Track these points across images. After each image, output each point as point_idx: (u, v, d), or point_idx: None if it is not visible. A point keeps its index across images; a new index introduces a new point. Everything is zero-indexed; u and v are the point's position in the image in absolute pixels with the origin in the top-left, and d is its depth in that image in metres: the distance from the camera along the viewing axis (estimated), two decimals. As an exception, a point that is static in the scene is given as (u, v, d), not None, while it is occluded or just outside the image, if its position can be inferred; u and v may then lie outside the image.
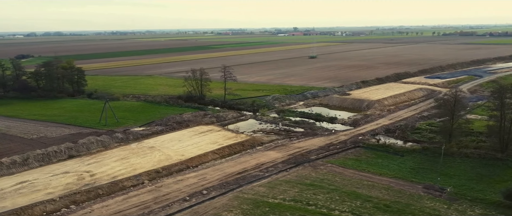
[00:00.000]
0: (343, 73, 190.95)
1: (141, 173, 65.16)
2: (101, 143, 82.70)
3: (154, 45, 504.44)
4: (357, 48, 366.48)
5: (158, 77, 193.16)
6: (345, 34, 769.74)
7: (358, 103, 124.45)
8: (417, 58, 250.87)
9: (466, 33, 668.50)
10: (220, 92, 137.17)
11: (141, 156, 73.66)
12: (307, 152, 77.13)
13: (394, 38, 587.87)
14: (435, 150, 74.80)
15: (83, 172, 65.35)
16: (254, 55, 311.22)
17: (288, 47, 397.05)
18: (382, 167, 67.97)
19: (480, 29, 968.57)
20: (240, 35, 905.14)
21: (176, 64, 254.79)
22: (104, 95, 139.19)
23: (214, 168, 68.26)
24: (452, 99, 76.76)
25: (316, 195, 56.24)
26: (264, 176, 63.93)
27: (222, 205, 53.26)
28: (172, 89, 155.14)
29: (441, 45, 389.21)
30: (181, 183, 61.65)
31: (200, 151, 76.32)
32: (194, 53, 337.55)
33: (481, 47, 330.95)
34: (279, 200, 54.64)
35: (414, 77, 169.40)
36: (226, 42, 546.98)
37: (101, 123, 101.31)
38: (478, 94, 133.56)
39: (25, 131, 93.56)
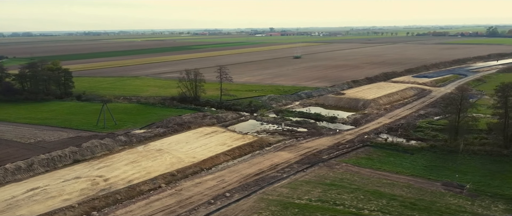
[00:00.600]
0: (331, 73, 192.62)
1: (156, 177, 63.52)
2: (105, 147, 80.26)
3: (132, 45, 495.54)
4: (338, 48, 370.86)
5: (145, 78, 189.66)
6: (322, 34, 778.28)
7: (354, 102, 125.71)
8: (399, 57, 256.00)
9: (438, 34, 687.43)
10: (213, 93, 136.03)
11: (151, 159, 71.87)
12: (317, 152, 77.16)
13: (372, 38, 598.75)
14: (443, 147, 76.38)
15: (96, 177, 63.14)
16: (238, 55, 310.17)
17: (270, 47, 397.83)
18: (396, 166, 68.68)
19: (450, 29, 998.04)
20: (218, 36, 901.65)
21: (161, 65, 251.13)
22: (94, 97, 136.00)
23: (230, 170, 67.26)
24: (458, 97, 78.28)
25: (340, 195, 56.22)
26: (283, 177, 63.46)
27: (249, 208, 52.46)
28: (163, 90, 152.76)
29: (418, 45, 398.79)
30: (200, 186, 60.40)
31: (210, 153, 75.15)
32: (176, 54, 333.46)
33: (458, 47, 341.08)
34: (305, 201, 54.30)
35: (402, 76, 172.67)
36: (206, 42, 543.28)
37: (99, 125, 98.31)
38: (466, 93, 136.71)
39: (20, 135, 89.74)
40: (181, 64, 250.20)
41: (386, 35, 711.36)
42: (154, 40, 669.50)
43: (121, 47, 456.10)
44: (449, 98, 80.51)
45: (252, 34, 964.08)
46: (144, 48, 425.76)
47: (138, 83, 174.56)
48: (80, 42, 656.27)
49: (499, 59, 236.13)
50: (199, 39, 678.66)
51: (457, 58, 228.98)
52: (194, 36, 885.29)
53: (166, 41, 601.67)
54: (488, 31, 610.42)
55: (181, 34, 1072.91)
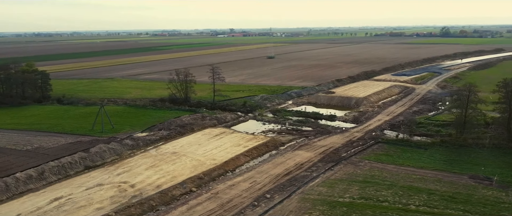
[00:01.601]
0: (311, 72, 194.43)
1: (184, 180, 60.99)
2: (113, 151, 76.32)
3: (94, 47, 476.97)
4: (306, 48, 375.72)
5: (122, 80, 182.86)
6: (284, 35, 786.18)
7: (346, 100, 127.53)
8: (370, 57, 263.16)
9: (395, 34, 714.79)
10: (202, 94, 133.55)
11: (170, 163, 69.01)
12: (334, 150, 77.34)
13: (335, 38, 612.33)
14: (454, 142, 78.82)
15: (120, 183, 59.67)
16: (211, 56, 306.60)
17: (239, 48, 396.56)
18: (416, 161, 70.02)
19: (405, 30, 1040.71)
20: (178, 37, 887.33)
21: (133, 66, 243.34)
22: (78, 100, 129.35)
23: (257, 171, 65.80)
24: (466, 92, 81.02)
25: (378, 191, 56.46)
26: (315, 176, 62.89)
27: (296, 208, 51.46)
28: (147, 92, 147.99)
29: (382, 45, 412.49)
30: (235, 188, 58.59)
31: (229, 154, 73.32)
32: (145, 55, 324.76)
33: (420, 47, 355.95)
34: (348, 199, 54.04)
35: (382, 75, 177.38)
36: (173, 43, 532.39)
37: (95, 129, 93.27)
38: (448, 89, 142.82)
39: (13, 142, 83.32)
40: (154, 65, 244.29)
41: (346, 36, 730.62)
42: (115, 41, 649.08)
43: (82, 49, 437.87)
44: (457, 93, 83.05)
45: (213, 35, 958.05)
46: (109, 50, 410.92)
47: (117, 85, 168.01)
48: (34, 43, 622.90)
49: (463, 58, 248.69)
50: (161, 40, 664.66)
51: (427, 57, 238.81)
52: (154, 37, 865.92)
53: (128, 43, 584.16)
54: (442, 32, 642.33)
55: (140, 35, 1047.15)
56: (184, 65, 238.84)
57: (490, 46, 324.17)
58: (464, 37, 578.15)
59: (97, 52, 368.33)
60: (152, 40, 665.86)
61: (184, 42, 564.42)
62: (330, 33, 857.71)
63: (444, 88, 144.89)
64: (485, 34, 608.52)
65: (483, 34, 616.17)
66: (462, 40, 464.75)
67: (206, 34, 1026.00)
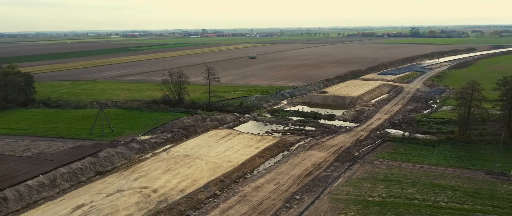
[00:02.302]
0: (297, 72, 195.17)
1: (207, 184, 59.51)
2: (122, 156, 73.83)
3: (65, 48, 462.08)
4: (285, 48, 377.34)
5: (105, 81, 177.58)
6: (258, 35, 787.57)
7: (340, 100, 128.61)
8: (351, 57, 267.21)
9: (367, 34, 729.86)
10: (195, 95, 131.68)
11: (186, 166, 67.25)
12: (346, 149, 77.64)
13: (311, 39, 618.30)
14: (459, 139, 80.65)
15: (141, 189, 57.56)
16: (191, 56, 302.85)
17: (217, 49, 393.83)
18: (429, 158, 71.18)
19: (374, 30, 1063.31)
20: (150, 37, 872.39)
21: (113, 67, 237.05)
22: (66, 103, 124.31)
23: (277, 172, 65.06)
24: (469, 90, 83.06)
25: (404, 189, 56.93)
26: (336, 176, 62.74)
27: (330, 209, 51.13)
28: (135, 93, 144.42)
29: (358, 45, 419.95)
30: (261, 190, 57.64)
31: (244, 155, 72.25)
32: (121, 56, 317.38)
33: (396, 47, 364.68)
34: (378, 198, 54.19)
35: (368, 74, 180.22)
36: (147, 44, 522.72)
37: (94, 133, 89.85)
38: (436, 88, 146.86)
39: (10, 148, 79.07)
40: (135, 66, 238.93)
41: (319, 36, 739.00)
42: (85, 42, 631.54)
43: (54, 50, 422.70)
44: (460, 91, 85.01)
45: (185, 35, 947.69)
46: (83, 51, 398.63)
47: (102, 87, 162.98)
48: (3, 45, 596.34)
49: (440, 57, 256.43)
50: (135, 41, 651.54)
51: (407, 57, 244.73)
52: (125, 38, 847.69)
53: (100, 43, 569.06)
54: (411, 32, 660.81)
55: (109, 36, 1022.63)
56: (167, 66, 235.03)
57: (462, 46, 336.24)
58: (433, 37, 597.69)
59: (72, 53, 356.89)
60: (125, 41, 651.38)
61: (160, 42, 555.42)
62: (303, 33, 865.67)
63: (432, 87, 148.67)
64: (452, 34, 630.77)
65: (451, 34, 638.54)
66: (432, 40, 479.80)
67: (178, 35, 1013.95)
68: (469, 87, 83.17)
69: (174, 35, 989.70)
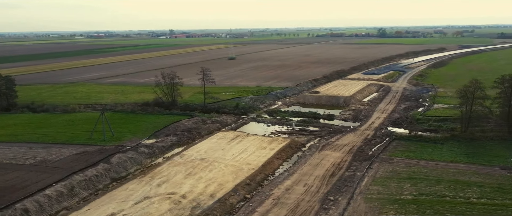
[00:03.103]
0: (281, 72, 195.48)
1: (235, 187, 58.17)
2: (133, 161, 71.21)
3: (31, 50, 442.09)
4: (261, 49, 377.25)
5: (87, 84, 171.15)
6: (229, 36, 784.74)
7: (334, 99, 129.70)
8: (329, 57, 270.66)
9: (336, 35, 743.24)
10: (186, 97, 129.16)
11: (206, 170, 65.54)
12: (358, 148, 78.22)
13: (283, 39, 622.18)
14: (464, 136, 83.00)
15: (169, 195, 55.52)
16: (169, 57, 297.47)
17: (192, 49, 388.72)
18: (441, 155, 72.72)
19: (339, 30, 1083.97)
20: (117, 38, 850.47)
21: (90, 69, 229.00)
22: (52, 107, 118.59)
23: (300, 173, 64.54)
24: (472, 88, 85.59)
25: (431, 187, 57.78)
26: (360, 176, 62.94)
27: (368, 209, 51.13)
28: (123, 96, 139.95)
29: (332, 45, 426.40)
30: (292, 192, 56.93)
31: (261, 157, 71.30)
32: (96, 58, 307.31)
33: (369, 47, 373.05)
34: (410, 196, 54.73)
35: (352, 74, 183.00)
36: (117, 45, 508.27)
37: (94, 138, 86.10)
38: (421, 86, 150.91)
39: (9, 156, 74.37)
40: (112, 68, 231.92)
41: (289, 37, 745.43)
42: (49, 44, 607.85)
43: (18, 52, 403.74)
44: (462, 90, 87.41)
45: (153, 36, 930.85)
46: (52, 52, 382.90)
47: (85, 89, 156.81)
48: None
49: (415, 57, 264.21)
50: (102, 42, 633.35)
51: (385, 56, 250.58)
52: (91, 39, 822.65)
53: (66, 45, 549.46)
54: (379, 32, 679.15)
55: (73, 37, 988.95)
56: (145, 67, 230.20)
57: (433, 46, 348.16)
58: (399, 37, 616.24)
59: (41, 55, 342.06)
60: (92, 42, 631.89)
61: (130, 43, 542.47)
62: (272, 34, 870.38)
63: (417, 86, 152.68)
64: (417, 35, 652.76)
65: (416, 34, 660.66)
66: (400, 40, 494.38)
67: (146, 35, 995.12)
68: (472, 86, 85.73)
69: (141, 36, 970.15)
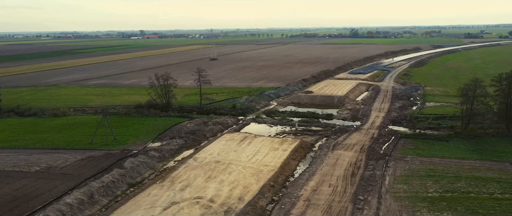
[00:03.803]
0: (267, 73, 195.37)
1: (261, 190, 57.23)
2: (146, 165, 69.08)
3: None
4: (239, 50, 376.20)
5: (69, 86, 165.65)
6: (203, 36, 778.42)
7: (328, 99, 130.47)
8: (311, 57, 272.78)
9: (309, 35, 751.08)
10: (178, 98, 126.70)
11: (225, 172, 64.25)
12: (369, 147, 78.79)
13: (259, 40, 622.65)
14: (467, 133, 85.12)
15: (196, 199, 53.98)
16: (148, 58, 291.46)
17: (170, 50, 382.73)
18: (451, 152, 74.15)
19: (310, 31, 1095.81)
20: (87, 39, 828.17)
21: (68, 71, 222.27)
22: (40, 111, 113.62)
23: (321, 174, 64.28)
24: (473, 86, 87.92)
25: (453, 184, 58.78)
26: (380, 175, 63.27)
27: (400, 207, 51.40)
28: (111, 98, 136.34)
29: (310, 45, 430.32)
30: (320, 193, 56.55)
31: (276, 159, 70.63)
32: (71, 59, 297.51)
33: (347, 47, 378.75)
34: (436, 193, 55.41)
35: (339, 74, 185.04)
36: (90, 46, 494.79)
37: (95, 142, 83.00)
38: (409, 85, 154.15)
39: (10, 163, 70.58)
40: (92, 70, 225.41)
41: (263, 37, 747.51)
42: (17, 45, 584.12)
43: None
44: (464, 88, 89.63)
45: (124, 37, 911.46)
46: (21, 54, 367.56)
47: (67, 92, 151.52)
48: None
49: (394, 56, 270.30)
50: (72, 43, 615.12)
51: (366, 56, 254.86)
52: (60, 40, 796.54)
53: (35, 46, 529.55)
54: (351, 33, 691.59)
55: (39, 37, 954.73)
56: (126, 69, 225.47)
57: (409, 46, 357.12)
58: (371, 37, 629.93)
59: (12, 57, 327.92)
60: (61, 43, 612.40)
61: (103, 44, 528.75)
62: (246, 34, 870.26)
63: (405, 85, 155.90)
64: (388, 35, 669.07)
65: (387, 35, 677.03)
66: (374, 40, 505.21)
67: (116, 36, 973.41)
68: (473, 84, 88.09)
69: (111, 37, 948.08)
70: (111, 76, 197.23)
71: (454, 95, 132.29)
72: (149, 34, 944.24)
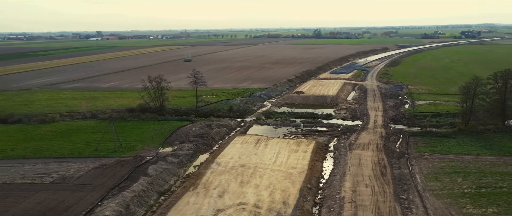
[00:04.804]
0: (249, 74, 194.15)
1: (302, 193, 56.25)
2: (169, 172, 66.53)
3: None
4: (211, 50, 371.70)
5: (43, 91, 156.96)
6: (165, 37, 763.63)
7: (321, 99, 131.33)
8: (286, 57, 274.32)
9: (272, 35, 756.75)
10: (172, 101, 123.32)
11: (256, 177, 62.69)
12: (383, 146, 79.76)
13: (225, 40, 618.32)
14: (471, 130, 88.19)
15: (241, 206, 52.15)
16: (118, 60, 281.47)
17: (138, 51, 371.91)
18: (462, 149, 76.22)
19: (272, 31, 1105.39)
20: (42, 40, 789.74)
21: (35, 75, 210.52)
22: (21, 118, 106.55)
23: (352, 174, 64.17)
24: (473, 85, 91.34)
25: (481, 179, 60.48)
26: (408, 173, 64.06)
27: (445, 204, 52.14)
28: (96, 102, 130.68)
29: (278, 46, 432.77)
30: (361, 194, 56.31)
31: (301, 160, 69.92)
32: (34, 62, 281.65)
33: (317, 47, 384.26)
34: (471, 190, 56.73)
35: (322, 74, 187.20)
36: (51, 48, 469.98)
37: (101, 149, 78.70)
38: (392, 84, 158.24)
39: (17, 175, 65.33)
40: (61, 73, 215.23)
41: (227, 38, 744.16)
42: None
43: None
44: (465, 87, 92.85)
45: (81, 38, 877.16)
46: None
47: (44, 97, 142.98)
48: None
49: (366, 56, 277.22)
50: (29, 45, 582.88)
51: (341, 56, 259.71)
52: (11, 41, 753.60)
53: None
54: (314, 33, 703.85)
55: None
56: (97, 71, 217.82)
57: (378, 46, 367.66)
58: (334, 37, 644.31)
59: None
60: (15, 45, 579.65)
61: (63, 46, 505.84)
62: (210, 35, 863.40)
63: (388, 84, 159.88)
64: (350, 36, 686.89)
65: (349, 35, 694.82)
66: (339, 41, 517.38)
67: (72, 37, 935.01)
68: (473, 82, 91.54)
69: (67, 38, 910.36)
70: (85, 79, 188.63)
71: (439, 93, 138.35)
72: (107, 35, 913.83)
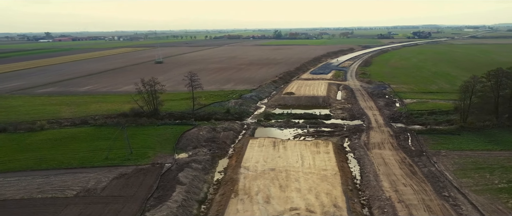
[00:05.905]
0: (229, 75, 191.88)
1: (347, 196, 55.94)
2: (198, 178, 64.26)
3: None
4: (179, 52, 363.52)
5: (16, 97, 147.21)
6: (122, 39, 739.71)
7: (313, 99, 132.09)
8: (258, 58, 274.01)
9: (233, 36, 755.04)
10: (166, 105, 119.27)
11: (292, 180, 61.75)
12: (398, 144, 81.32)
13: (188, 41, 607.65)
14: (473, 127, 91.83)
15: (294, 211, 51.13)
16: (83, 62, 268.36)
17: (100, 54, 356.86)
18: (473, 145, 79.15)
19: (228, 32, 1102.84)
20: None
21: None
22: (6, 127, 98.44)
23: (383, 174, 64.79)
24: (471, 83, 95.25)
25: (506, 174, 63.10)
26: (434, 170, 65.58)
27: (489, 199, 53.83)
28: (79, 108, 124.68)
29: (244, 46, 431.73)
30: (404, 192, 56.88)
31: (327, 162, 69.78)
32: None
33: (283, 48, 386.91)
34: (505, 184, 58.86)
35: (302, 74, 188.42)
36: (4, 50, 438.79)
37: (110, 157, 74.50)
38: (375, 84, 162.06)
39: (34, 189, 60.23)
40: (25, 77, 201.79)
41: (186, 39, 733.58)
42: None
43: None
44: (463, 86, 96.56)
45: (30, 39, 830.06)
46: None
47: (19, 103, 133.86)
48: None
49: (335, 57, 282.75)
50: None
51: (314, 57, 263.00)
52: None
53: None
54: (275, 34, 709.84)
55: None
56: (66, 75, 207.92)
57: (345, 46, 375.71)
58: (295, 38, 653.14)
59: None
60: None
61: (15, 48, 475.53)
62: (169, 36, 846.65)
63: (371, 83, 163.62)
64: (310, 36, 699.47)
65: (308, 36, 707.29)
66: (302, 41, 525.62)
67: (19, 39, 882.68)
68: (472, 81, 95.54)
69: (14, 40, 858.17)
70: (57, 83, 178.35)
71: (422, 91, 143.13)
72: (58, 37, 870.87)
